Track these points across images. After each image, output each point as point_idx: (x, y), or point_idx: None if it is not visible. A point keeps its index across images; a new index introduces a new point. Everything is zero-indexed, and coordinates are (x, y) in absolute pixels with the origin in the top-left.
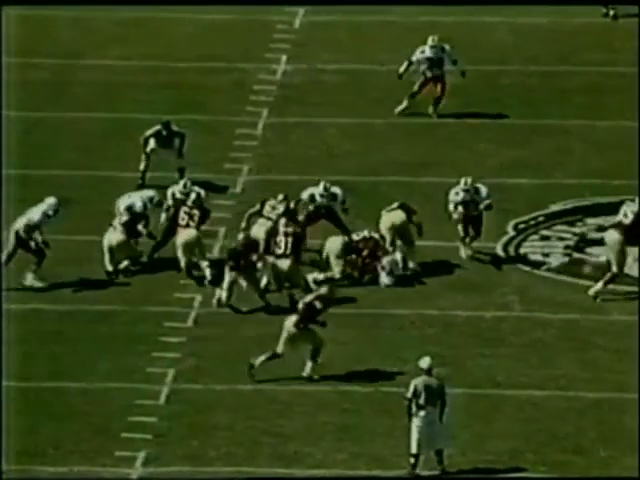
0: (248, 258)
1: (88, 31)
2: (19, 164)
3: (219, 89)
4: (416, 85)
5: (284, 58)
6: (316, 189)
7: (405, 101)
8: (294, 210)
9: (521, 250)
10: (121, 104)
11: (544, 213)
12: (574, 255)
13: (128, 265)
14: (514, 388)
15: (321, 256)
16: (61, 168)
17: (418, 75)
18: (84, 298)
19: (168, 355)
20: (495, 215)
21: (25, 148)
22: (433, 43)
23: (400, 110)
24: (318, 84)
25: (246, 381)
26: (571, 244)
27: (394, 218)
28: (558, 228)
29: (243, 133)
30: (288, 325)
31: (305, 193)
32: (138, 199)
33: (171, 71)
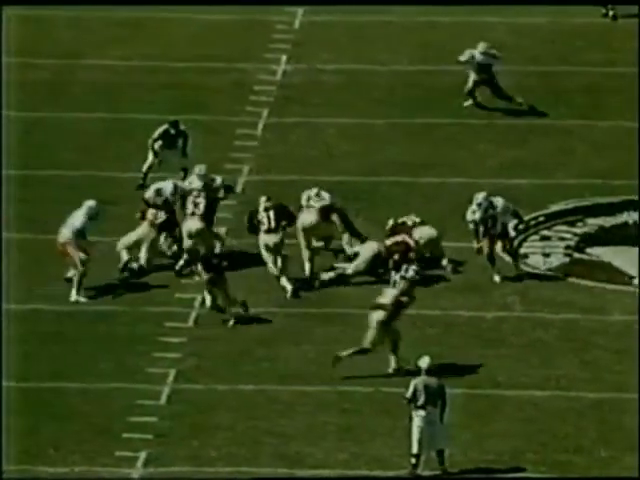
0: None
1: (88, 31)
2: (19, 164)
3: (219, 89)
4: (469, 83)
5: (284, 58)
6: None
7: (469, 100)
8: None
9: (521, 250)
10: (121, 104)
11: (544, 213)
12: (575, 255)
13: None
14: (515, 388)
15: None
16: (62, 168)
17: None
18: (86, 299)
19: (169, 355)
20: None
21: (25, 148)
22: (483, 50)
23: (468, 105)
24: (318, 84)
25: (247, 381)
26: (572, 244)
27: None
28: (558, 228)
29: (243, 133)
30: (376, 320)
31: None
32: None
33: (171, 71)
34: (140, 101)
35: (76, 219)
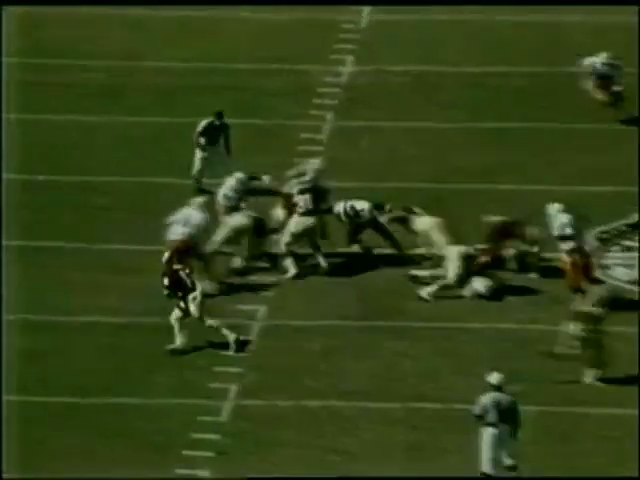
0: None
1: (145, 31)
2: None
3: (281, 92)
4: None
5: (349, 59)
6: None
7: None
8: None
9: (603, 261)
10: (177, 107)
11: (628, 223)
12: None
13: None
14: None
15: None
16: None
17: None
18: (143, 310)
19: (230, 370)
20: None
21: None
22: (606, 60)
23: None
24: (384, 86)
25: (311, 396)
26: None
27: None
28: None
29: (307, 138)
30: (576, 330)
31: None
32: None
33: (231, 73)
34: (200, 104)
35: (193, 219)
